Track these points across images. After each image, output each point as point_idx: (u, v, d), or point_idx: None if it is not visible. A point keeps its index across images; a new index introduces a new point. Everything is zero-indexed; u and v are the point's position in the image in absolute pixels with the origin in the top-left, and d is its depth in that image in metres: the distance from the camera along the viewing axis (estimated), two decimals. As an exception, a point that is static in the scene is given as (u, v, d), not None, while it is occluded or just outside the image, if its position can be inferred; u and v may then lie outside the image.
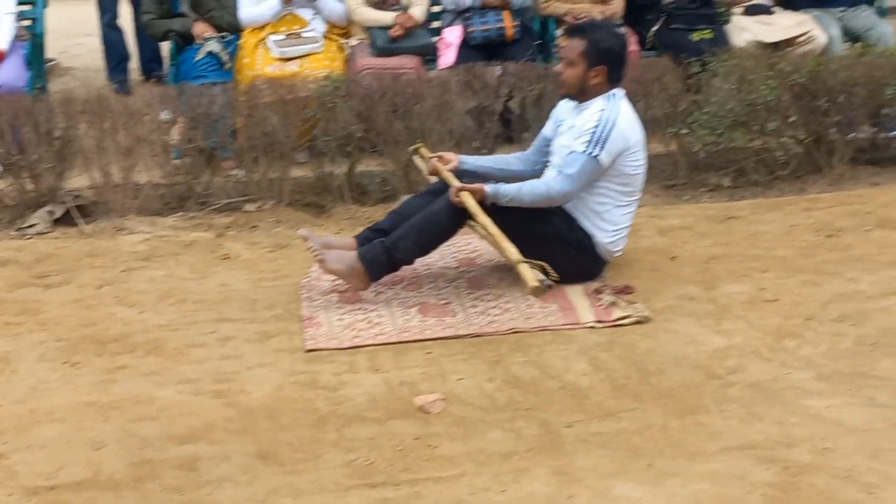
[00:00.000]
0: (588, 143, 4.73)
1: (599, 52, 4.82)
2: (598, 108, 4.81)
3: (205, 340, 4.50)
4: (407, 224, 4.82)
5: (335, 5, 7.35)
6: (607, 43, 4.86)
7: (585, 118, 4.83)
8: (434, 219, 4.79)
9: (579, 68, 4.85)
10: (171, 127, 6.40)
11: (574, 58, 4.86)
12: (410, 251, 4.82)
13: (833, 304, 4.59)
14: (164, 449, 3.68)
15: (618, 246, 4.97)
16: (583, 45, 4.85)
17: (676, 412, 3.84)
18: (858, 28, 7.64)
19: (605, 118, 4.76)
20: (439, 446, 3.68)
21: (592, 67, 4.83)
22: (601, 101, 4.85)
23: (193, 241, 5.70)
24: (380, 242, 4.82)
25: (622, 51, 4.93)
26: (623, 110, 4.84)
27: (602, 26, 5.01)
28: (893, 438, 3.60)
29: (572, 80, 4.89)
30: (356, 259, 4.78)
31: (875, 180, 6.40)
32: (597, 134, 4.73)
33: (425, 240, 4.83)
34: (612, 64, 4.85)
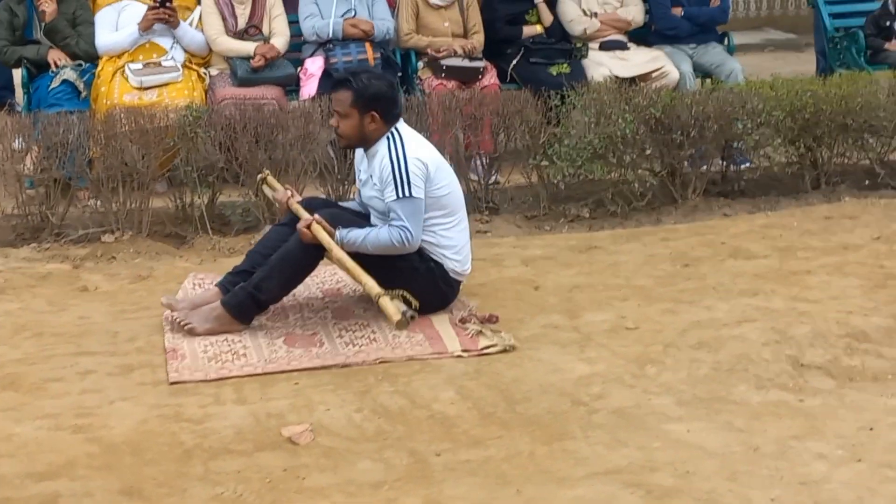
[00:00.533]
0: (396, 189, 4.74)
1: (368, 99, 4.81)
2: (384, 151, 4.82)
3: (64, 374, 4.39)
4: (267, 264, 4.78)
5: (195, 35, 7.29)
6: (373, 88, 4.84)
7: (378, 165, 4.83)
8: (291, 256, 4.76)
9: (353, 119, 4.84)
10: (25, 156, 6.23)
11: (345, 110, 4.85)
12: (274, 292, 4.80)
13: (691, 332, 4.71)
14: (23, 487, 3.57)
15: (465, 265, 5.00)
16: (349, 95, 4.83)
17: (543, 439, 3.88)
18: (709, 64, 7.92)
19: (395, 156, 4.78)
20: (308, 477, 3.65)
21: (365, 115, 4.83)
22: (384, 142, 4.86)
23: (49, 272, 5.57)
24: (241, 289, 4.76)
25: (390, 91, 4.94)
26: (407, 140, 4.85)
27: (364, 72, 5.00)
28: (750, 461, 3.71)
29: (350, 132, 4.89)
30: (223, 311, 4.73)
31: (726, 211, 6.61)
32: (397, 176, 4.74)
33: (287, 277, 4.80)
34: (384, 107, 4.85)
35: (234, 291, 4.78)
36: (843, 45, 8.42)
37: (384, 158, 4.81)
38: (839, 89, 6.79)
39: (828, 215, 6.28)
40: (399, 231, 4.74)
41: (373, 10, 7.57)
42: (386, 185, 4.77)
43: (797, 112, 6.70)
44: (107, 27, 7.17)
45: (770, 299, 5.01)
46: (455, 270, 4.96)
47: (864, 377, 4.30)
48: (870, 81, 7.00)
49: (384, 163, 4.80)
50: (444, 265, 4.91)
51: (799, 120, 6.72)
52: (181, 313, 4.78)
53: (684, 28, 8.01)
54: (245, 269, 4.91)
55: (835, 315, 4.76)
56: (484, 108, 6.72)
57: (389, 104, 4.89)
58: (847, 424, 3.93)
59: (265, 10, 7.44)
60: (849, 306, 4.88)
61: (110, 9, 7.22)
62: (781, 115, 6.66)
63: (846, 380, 4.29)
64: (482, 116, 6.74)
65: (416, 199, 4.76)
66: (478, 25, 7.74)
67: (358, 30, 7.38)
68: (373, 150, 4.90)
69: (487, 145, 6.80)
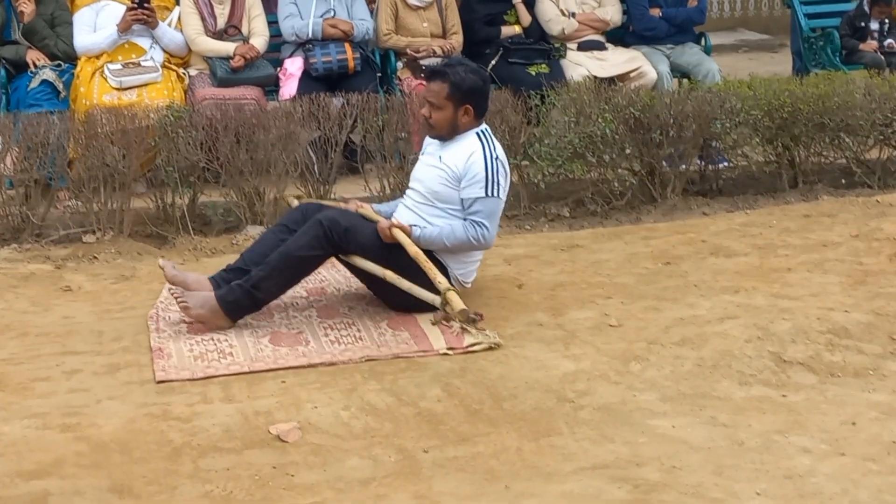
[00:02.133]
0: (486, 187, 4.81)
1: (464, 93, 4.87)
2: (477, 147, 4.87)
3: (50, 374, 4.38)
4: (267, 264, 4.77)
5: (174, 35, 7.28)
6: (469, 81, 4.90)
7: (463, 158, 4.86)
8: (293, 257, 4.76)
9: (447, 111, 4.89)
10: (4, 156, 6.21)
11: (440, 102, 4.88)
12: (272, 291, 4.81)
13: (674, 329, 4.75)
14: (12, 485, 3.56)
15: (469, 277, 5.05)
16: (446, 87, 4.87)
17: (530, 435, 3.91)
18: (686, 65, 7.98)
19: (490, 156, 4.85)
20: (297, 475, 3.67)
21: (460, 107, 4.88)
22: (474, 137, 4.91)
23: (31, 273, 5.55)
24: (238, 286, 4.75)
25: (485, 86, 5.01)
26: (496, 143, 4.95)
27: (460, 65, 5.00)
28: (734, 455, 3.75)
29: (442, 123, 4.93)
30: (216, 305, 4.72)
31: (705, 210, 6.67)
32: (490, 176, 4.81)
33: (287, 278, 4.81)
34: (478, 101, 4.92)
35: (230, 287, 4.76)
36: (819, 46, 8.51)
37: (476, 152, 4.85)
38: (816, 89, 6.86)
39: (806, 213, 6.33)
40: (478, 228, 4.81)
41: (352, 10, 7.59)
42: (473, 180, 4.82)
43: (775, 111, 6.77)
44: (85, 28, 7.15)
45: (751, 296, 5.06)
46: (460, 279, 4.98)
47: (845, 372, 4.35)
48: (846, 81, 7.07)
49: (476, 156, 4.84)
50: (449, 270, 4.92)
51: (777, 119, 6.79)
52: (178, 290, 4.75)
53: (662, 29, 8.06)
54: (239, 267, 4.90)
55: (816, 311, 4.81)
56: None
57: (483, 99, 4.96)
58: (830, 419, 3.98)
59: (244, 11, 7.45)
60: (829, 303, 4.93)
61: (88, 9, 7.21)
62: (759, 115, 6.73)
63: (828, 375, 4.34)
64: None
65: (500, 201, 4.87)
66: (456, 26, 7.77)
67: (337, 30, 7.40)
68: (456, 140, 4.93)
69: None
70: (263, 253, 4.87)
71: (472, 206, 4.84)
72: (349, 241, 4.80)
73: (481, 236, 4.83)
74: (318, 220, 4.78)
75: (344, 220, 4.82)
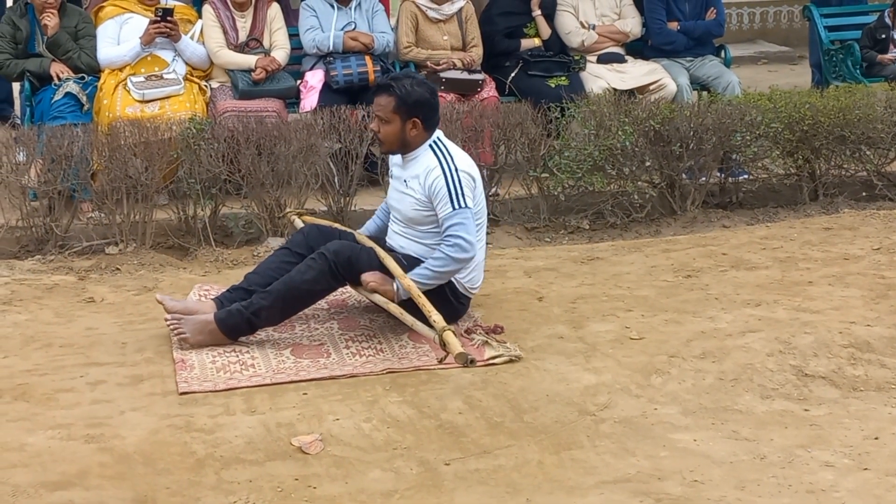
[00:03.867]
0: (451, 202, 4.77)
1: (410, 105, 4.83)
2: (433, 164, 4.84)
3: (74, 385, 4.40)
4: (270, 293, 4.75)
5: (196, 48, 7.32)
6: (416, 94, 4.85)
7: (423, 174, 4.84)
8: (296, 289, 4.76)
9: (395, 125, 4.86)
10: (29, 168, 6.26)
11: (387, 115, 4.86)
12: (273, 320, 4.82)
13: (695, 342, 4.74)
14: (37, 496, 3.58)
15: (476, 282, 5.03)
16: (392, 101, 4.85)
17: (552, 448, 3.92)
18: (705, 77, 7.98)
19: (447, 169, 4.81)
20: (319, 487, 3.68)
21: (407, 121, 4.85)
22: (429, 151, 4.88)
23: (55, 284, 5.58)
24: (238, 311, 4.75)
25: (432, 98, 4.95)
26: (453, 152, 4.90)
27: (407, 78, 4.97)
28: (757, 470, 3.75)
29: (391, 138, 4.91)
30: (216, 327, 4.74)
31: (725, 223, 6.67)
32: (452, 189, 4.77)
33: (288, 308, 4.83)
34: (426, 114, 4.87)
35: (230, 311, 4.76)
36: (839, 58, 8.49)
37: (434, 170, 4.82)
38: (837, 101, 6.86)
39: (827, 226, 6.32)
40: (454, 245, 4.74)
41: (373, 23, 7.62)
42: (439, 199, 4.79)
43: (795, 124, 6.78)
44: (109, 41, 7.21)
45: (773, 310, 5.05)
46: (466, 286, 4.97)
47: (867, 386, 4.34)
48: (867, 94, 7.07)
49: (434, 175, 4.81)
50: (454, 280, 4.92)
51: (797, 132, 6.80)
52: (173, 318, 4.77)
53: (681, 42, 8.07)
54: (242, 287, 4.92)
55: (837, 325, 4.79)
56: (484, 120, 6.78)
57: (431, 111, 4.91)
58: (852, 433, 3.97)
59: (266, 23, 7.49)
60: (851, 316, 4.91)
61: (112, 22, 7.26)
62: (780, 127, 6.73)
63: (850, 389, 4.33)
64: (482, 129, 6.80)
65: (468, 210, 4.79)
66: (476, 39, 7.79)
67: (358, 43, 7.43)
68: (412, 155, 4.92)
69: (488, 157, 6.84)
70: (266, 275, 4.89)
71: (444, 223, 4.81)
72: (353, 271, 4.80)
73: (462, 249, 4.75)
74: (323, 254, 4.76)
75: (347, 250, 4.81)
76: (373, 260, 4.84)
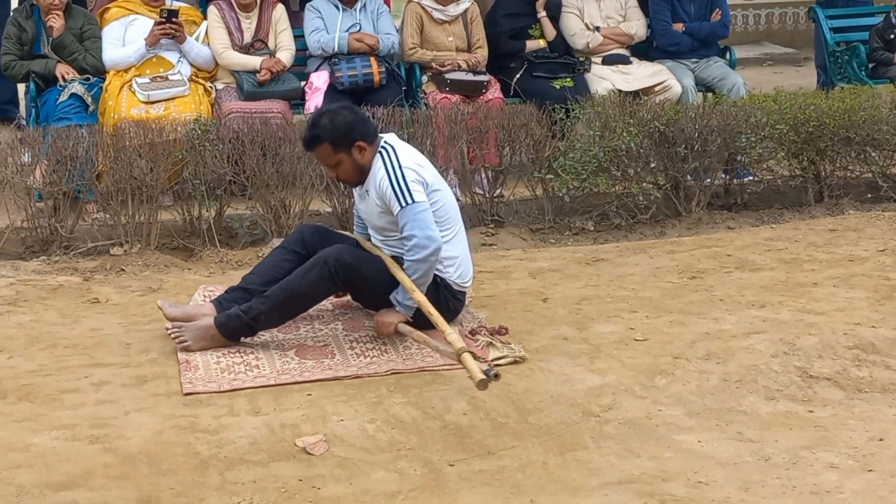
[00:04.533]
0: (399, 200, 4.74)
1: (343, 136, 4.79)
2: (379, 167, 4.81)
3: (79, 386, 4.41)
4: (269, 297, 4.74)
5: (201, 49, 7.33)
6: (339, 123, 4.80)
7: (375, 180, 4.82)
8: (298, 295, 4.76)
9: (346, 162, 4.82)
10: (34, 169, 6.26)
11: (334, 160, 4.83)
12: (272, 324, 4.82)
13: (699, 343, 4.74)
14: (41, 496, 3.59)
15: (466, 277, 5.00)
16: (327, 146, 4.80)
17: (556, 449, 3.92)
18: (710, 78, 7.97)
19: (391, 169, 4.77)
20: (323, 487, 3.68)
21: (351, 150, 4.80)
22: (378, 159, 4.84)
23: (60, 285, 5.59)
24: (238, 316, 4.74)
25: (353, 113, 4.90)
26: (399, 151, 4.86)
27: (319, 117, 4.87)
28: (761, 471, 3.75)
29: (350, 174, 4.89)
30: (216, 332, 4.74)
31: (730, 224, 6.67)
32: (397, 188, 4.75)
33: (288, 312, 4.83)
34: (362, 131, 4.83)
35: (230, 315, 4.75)
36: (845, 60, 8.48)
37: (380, 172, 4.80)
38: (842, 103, 6.84)
39: (832, 228, 6.32)
40: (411, 248, 4.71)
41: (377, 24, 7.61)
42: (389, 200, 4.77)
43: (800, 125, 6.76)
44: (114, 42, 7.21)
45: (777, 311, 5.04)
46: (457, 282, 4.96)
47: (872, 388, 4.34)
48: (872, 95, 7.06)
49: (381, 177, 4.79)
50: (445, 278, 4.91)
51: (802, 133, 6.79)
52: (174, 327, 4.78)
53: (685, 44, 8.05)
54: (241, 287, 4.93)
55: (842, 326, 4.79)
56: (489, 121, 6.77)
57: (363, 125, 4.88)
58: (857, 435, 3.97)
59: (271, 25, 7.49)
60: (856, 318, 4.91)
61: (117, 24, 7.27)
62: (785, 129, 6.72)
63: (855, 391, 4.33)
64: (487, 130, 6.80)
65: (419, 203, 4.75)
66: (481, 40, 7.79)
67: (363, 44, 7.43)
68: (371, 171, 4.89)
69: (492, 159, 6.85)
70: (263, 275, 4.90)
71: (398, 222, 4.79)
72: (355, 277, 4.80)
73: (419, 249, 4.69)
74: (324, 260, 4.73)
75: (349, 256, 4.78)
76: (377, 266, 4.82)
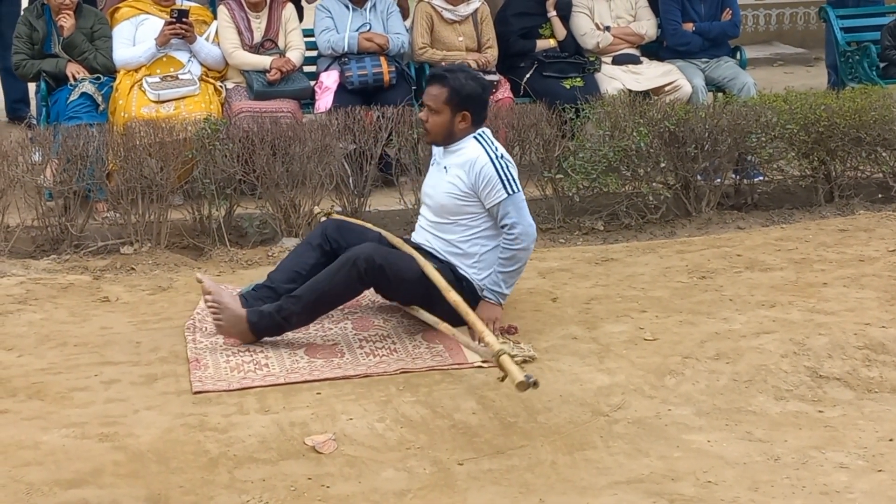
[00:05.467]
0: (505, 188, 4.79)
1: (462, 98, 4.85)
2: (479, 152, 4.85)
3: (88, 384, 4.42)
4: (300, 298, 4.72)
5: (211, 49, 7.34)
6: (469, 88, 4.88)
7: (470, 164, 4.84)
8: (328, 296, 4.76)
9: (444, 116, 4.88)
10: (44, 168, 6.28)
11: (437, 106, 4.88)
12: (303, 323, 4.83)
13: (709, 343, 4.74)
14: (51, 494, 3.60)
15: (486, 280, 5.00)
16: (445, 92, 4.87)
17: (565, 448, 3.92)
18: (721, 78, 7.97)
19: (496, 158, 4.83)
20: (333, 486, 3.68)
21: (457, 113, 4.87)
22: (474, 142, 4.89)
23: (70, 283, 5.60)
24: (271, 315, 4.73)
25: (484, 93, 4.99)
26: (497, 143, 4.94)
27: (462, 71, 4.99)
28: (770, 471, 3.74)
29: (438, 129, 4.92)
30: (247, 328, 4.74)
31: (740, 224, 6.65)
32: (503, 176, 4.80)
33: (318, 312, 4.83)
34: (476, 108, 4.90)
35: (262, 313, 4.74)
36: (855, 60, 8.46)
37: (480, 159, 4.82)
38: (853, 103, 6.83)
39: (843, 228, 6.30)
40: (522, 235, 4.80)
41: (387, 24, 7.62)
42: (490, 186, 4.80)
43: (811, 125, 6.75)
44: (124, 41, 7.23)
45: (787, 311, 5.03)
46: (479, 285, 4.94)
47: (882, 388, 4.33)
48: (883, 95, 7.04)
49: (482, 162, 4.81)
50: (471, 280, 4.91)
51: (812, 133, 6.77)
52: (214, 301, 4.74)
53: (696, 43, 8.05)
54: (266, 285, 4.93)
55: (852, 327, 4.78)
56: (499, 121, 6.77)
57: (481, 107, 4.94)
58: (867, 435, 3.96)
59: (281, 24, 7.50)
60: (866, 318, 4.90)
61: (128, 23, 7.29)
62: (795, 129, 6.71)
63: (865, 391, 4.32)
64: (497, 129, 6.78)
65: (520, 194, 4.84)
66: (491, 40, 7.79)
67: (373, 44, 7.44)
68: (455, 147, 4.92)
69: (502, 158, 6.83)
70: (288, 271, 4.90)
71: (499, 210, 4.83)
72: (385, 278, 4.76)
73: (521, 235, 4.80)
74: (354, 261, 4.69)
75: (379, 256, 4.73)
76: (411, 267, 4.78)
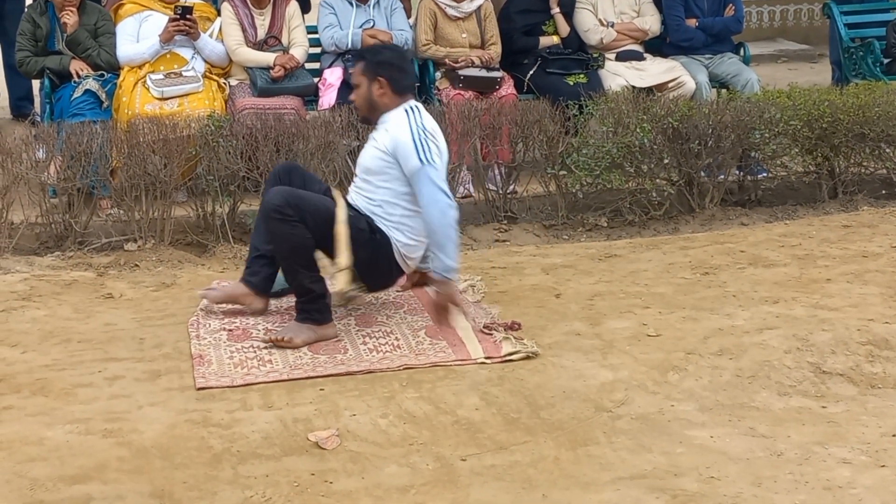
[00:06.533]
0: (419, 155, 4.72)
1: (376, 66, 4.89)
2: (402, 120, 4.82)
3: (92, 380, 4.42)
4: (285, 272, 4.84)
5: (215, 46, 7.34)
6: (382, 56, 4.95)
7: (392, 132, 4.80)
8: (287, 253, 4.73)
9: (363, 87, 4.91)
10: (48, 165, 6.29)
11: (357, 80, 4.94)
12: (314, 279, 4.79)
13: (712, 339, 4.74)
14: (55, 490, 3.61)
15: (413, 253, 4.94)
16: (361, 65, 4.95)
17: (568, 444, 3.92)
18: (724, 74, 7.95)
19: (415, 126, 4.78)
20: (336, 482, 3.69)
21: (373, 81, 4.88)
22: (402, 112, 4.86)
23: (74, 280, 5.61)
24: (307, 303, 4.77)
25: (399, 61, 4.98)
26: (425, 117, 4.89)
27: (380, 46, 5.02)
28: (773, 466, 3.74)
29: (361, 101, 4.96)
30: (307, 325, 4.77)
31: (743, 220, 6.66)
32: (418, 144, 4.74)
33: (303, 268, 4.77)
34: (390, 74, 4.88)
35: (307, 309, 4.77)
36: (859, 56, 8.45)
37: (402, 125, 4.79)
38: (856, 99, 6.83)
39: (846, 224, 6.30)
40: (424, 205, 4.71)
41: (391, 21, 7.62)
42: (405, 151, 4.73)
43: (814, 121, 6.75)
44: (128, 38, 7.24)
45: (791, 307, 5.04)
46: (401, 252, 4.88)
47: (885, 384, 4.33)
48: (887, 91, 7.04)
49: (401, 129, 4.78)
50: (391, 240, 4.85)
51: (816, 129, 6.77)
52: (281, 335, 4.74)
53: (699, 39, 8.04)
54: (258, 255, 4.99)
55: (856, 322, 4.78)
56: (502, 117, 6.78)
57: (398, 73, 4.92)
58: (870, 430, 3.96)
59: (284, 21, 7.50)
60: (869, 314, 4.90)
61: (131, 20, 7.29)
62: (799, 125, 6.71)
63: (868, 386, 4.32)
64: (500, 126, 6.80)
65: (436, 168, 4.74)
66: (495, 36, 7.79)
67: (377, 40, 7.43)
68: (383, 119, 4.90)
69: (505, 155, 6.85)
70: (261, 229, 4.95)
71: (415, 178, 4.74)
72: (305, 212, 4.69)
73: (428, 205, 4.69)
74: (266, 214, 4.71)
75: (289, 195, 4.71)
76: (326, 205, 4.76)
